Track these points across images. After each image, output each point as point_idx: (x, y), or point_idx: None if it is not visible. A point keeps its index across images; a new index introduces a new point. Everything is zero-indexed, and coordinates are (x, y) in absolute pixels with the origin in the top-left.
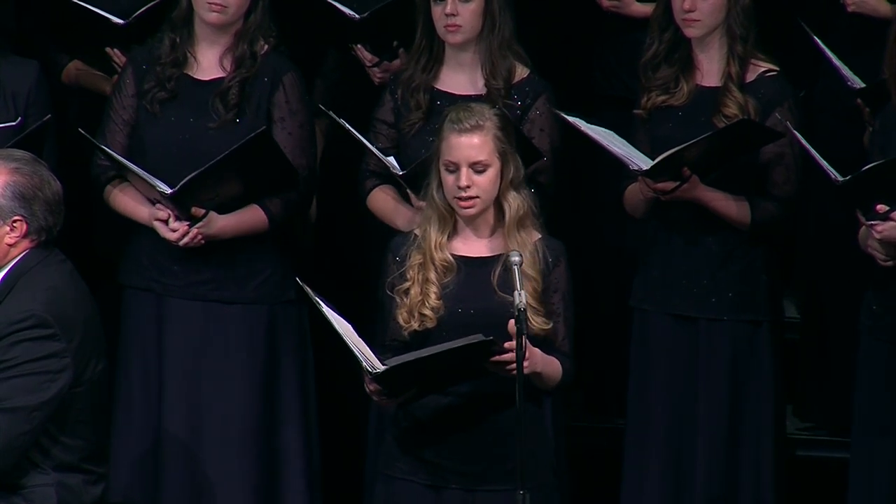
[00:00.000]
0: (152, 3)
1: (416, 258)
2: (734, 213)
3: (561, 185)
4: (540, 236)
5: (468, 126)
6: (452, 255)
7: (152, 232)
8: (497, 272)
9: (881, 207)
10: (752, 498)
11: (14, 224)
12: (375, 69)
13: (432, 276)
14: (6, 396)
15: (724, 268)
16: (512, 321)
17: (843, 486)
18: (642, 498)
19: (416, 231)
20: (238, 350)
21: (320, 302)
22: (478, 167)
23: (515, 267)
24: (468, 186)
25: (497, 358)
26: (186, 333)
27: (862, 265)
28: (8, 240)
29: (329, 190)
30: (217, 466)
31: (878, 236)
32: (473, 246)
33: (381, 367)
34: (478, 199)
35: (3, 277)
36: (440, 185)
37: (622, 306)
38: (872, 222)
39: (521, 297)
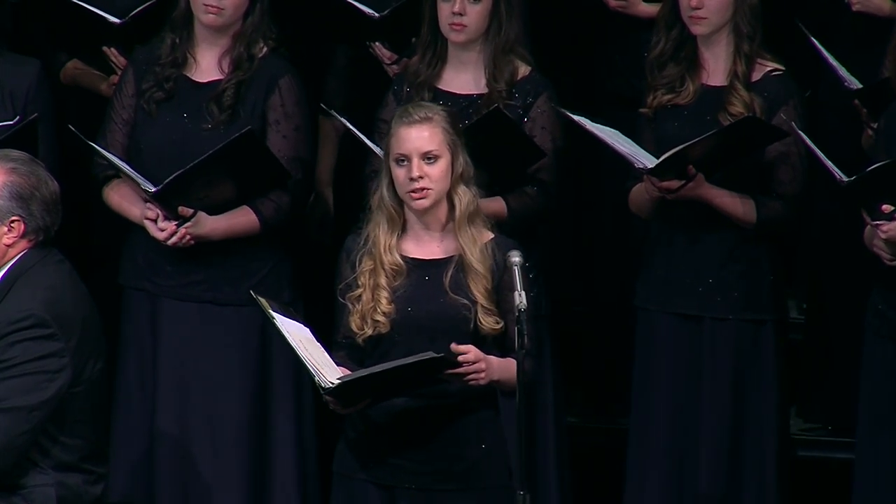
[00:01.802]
0: (149, 3)
1: (367, 264)
2: (739, 211)
3: (563, 184)
4: (493, 235)
5: (417, 118)
6: (404, 258)
7: (147, 232)
8: (449, 274)
9: (887, 207)
10: (755, 498)
11: (12, 224)
12: (394, 66)
13: (383, 281)
14: (5, 396)
15: (729, 267)
16: (464, 348)
17: (847, 486)
18: (645, 498)
19: (368, 232)
20: (232, 351)
21: (274, 314)
22: (428, 157)
23: (516, 268)
24: (420, 177)
25: (451, 371)
26: (180, 334)
27: (866, 265)
28: (6, 240)
29: (346, 187)
30: (211, 466)
31: (883, 236)
32: (425, 247)
33: (332, 383)
34: (430, 191)
35: (1, 277)
36: (390, 183)
37: (623, 305)
38: (878, 222)
39: (522, 298)
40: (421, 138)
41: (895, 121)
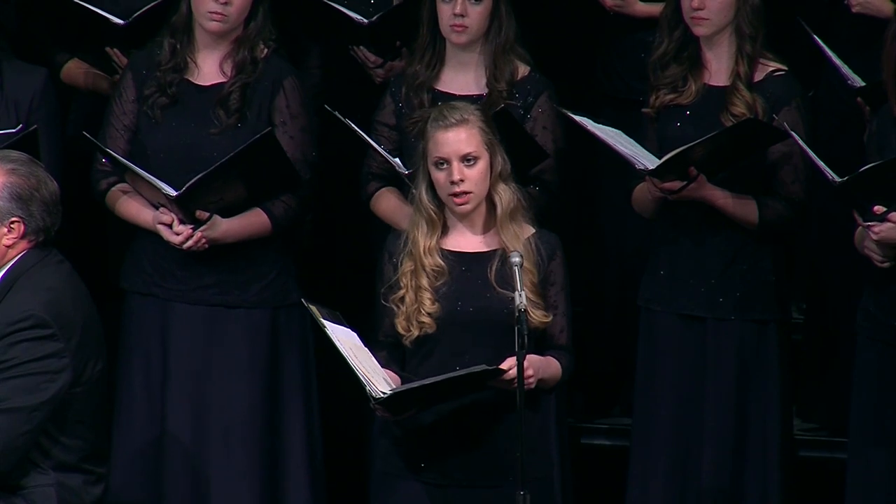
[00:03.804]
0: (152, 4)
1: (407, 265)
2: (741, 212)
3: (565, 184)
4: (534, 230)
5: (454, 121)
6: (448, 251)
7: (155, 237)
8: (494, 267)
9: (878, 209)
10: (758, 497)
11: (12, 225)
12: (379, 70)
13: (424, 282)
14: (6, 397)
15: (732, 267)
16: (509, 361)
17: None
18: (648, 498)
19: (408, 233)
20: (241, 353)
21: (325, 323)
22: (468, 159)
23: (516, 268)
24: (461, 180)
25: (501, 378)
26: (190, 337)
27: (865, 265)
28: (6, 241)
29: (329, 190)
30: (221, 468)
31: (875, 237)
32: (468, 241)
33: (383, 394)
34: (471, 195)
35: (1, 278)
36: (429, 186)
37: (625, 305)
38: (869, 223)
39: (522, 298)
40: (459, 141)
41: (887, 123)
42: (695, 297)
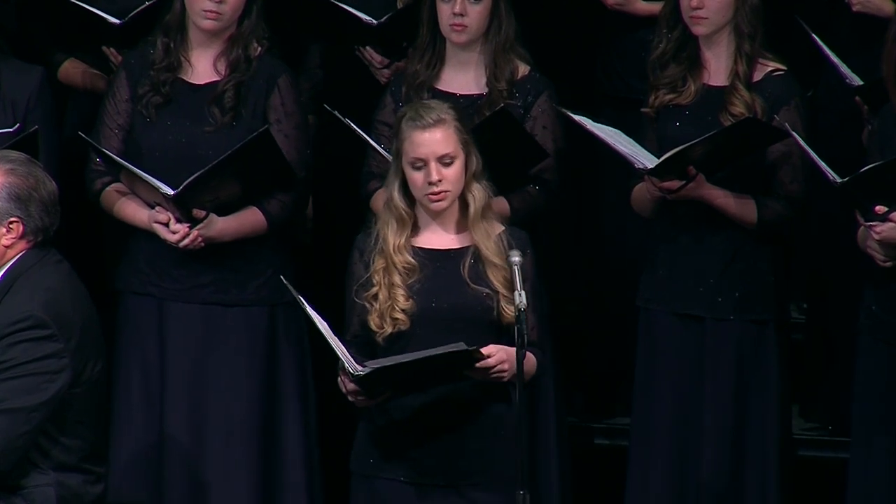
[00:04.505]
0: (148, 3)
1: (379, 262)
2: (740, 212)
3: (565, 183)
4: (503, 228)
5: (430, 121)
6: (419, 248)
7: (151, 236)
8: (467, 264)
9: (880, 208)
10: (758, 498)
11: (10, 225)
12: (385, 70)
13: (397, 279)
14: (5, 398)
15: (731, 267)
16: (489, 348)
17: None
18: (648, 497)
19: (378, 231)
20: (239, 351)
21: (303, 301)
22: (445, 160)
23: (516, 267)
24: (439, 180)
25: (478, 365)
26: (187, 336)
27: (867, 264)
28: (4, 241)
29: (328, 189)
30: (218, 466)
31: (877, 237)
32: (440, 238)
33: (361, 370)
34: (448, 193)
35: (0, 278)
36: (402, 184)
37: (624, 305)
38: (871, 223)
39: (522, 298)
40: (436, 142)
41: (888, 122)
42: (694, 297)
